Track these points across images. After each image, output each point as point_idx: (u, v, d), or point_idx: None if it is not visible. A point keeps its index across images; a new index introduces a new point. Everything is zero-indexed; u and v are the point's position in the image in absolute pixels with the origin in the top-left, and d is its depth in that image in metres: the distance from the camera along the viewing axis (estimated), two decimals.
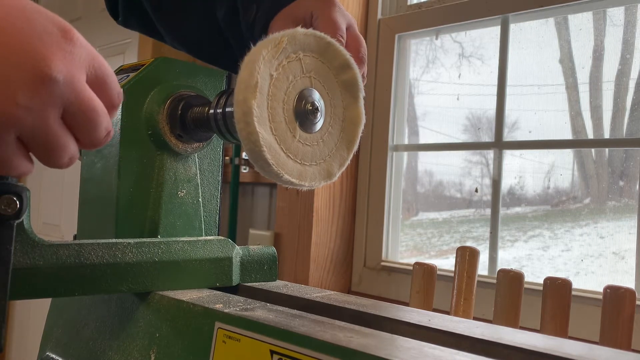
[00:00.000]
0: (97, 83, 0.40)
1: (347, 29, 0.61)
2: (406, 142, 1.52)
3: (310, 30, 0.50)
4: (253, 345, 0.43)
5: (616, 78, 1.18)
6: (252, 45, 0.47)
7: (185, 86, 0.62)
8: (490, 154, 1.33)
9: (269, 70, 0.47)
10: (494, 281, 0.91)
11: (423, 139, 1.53)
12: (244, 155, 1.65)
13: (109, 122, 0.42)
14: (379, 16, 1.53)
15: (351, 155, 0.54)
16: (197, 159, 0.64)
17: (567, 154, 1.26)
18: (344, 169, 0.54)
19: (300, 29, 0.49)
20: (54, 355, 0.66)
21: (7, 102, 0.34)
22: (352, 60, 0.53)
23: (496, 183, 1.30)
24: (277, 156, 0.48)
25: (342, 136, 0.53)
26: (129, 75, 0.61)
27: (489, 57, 1.37)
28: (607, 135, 1.20)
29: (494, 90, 1.32)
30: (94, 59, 0.40)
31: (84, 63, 0.39)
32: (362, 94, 0.54)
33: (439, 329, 0.46)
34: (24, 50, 0.35)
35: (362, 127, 0.54)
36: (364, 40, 0.61)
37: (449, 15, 1.39)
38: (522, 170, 1.31)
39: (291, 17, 0.62)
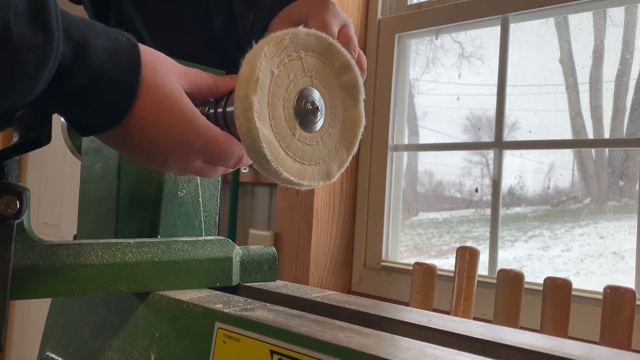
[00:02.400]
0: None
1: (341, 29, 0.61)
2: (406, 142, 1.52)
3: (312, 30, 0.50)
4: (253, 345, 0.43)
5: (616, 78, 1.18)
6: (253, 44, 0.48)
7: None
8: (490, 154, 1.33)
9: (270, 67, 0.47)
10: (494, 281, 0.91)
11: (423, 139, 1.53)
12: None
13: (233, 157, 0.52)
14: (379, 16, 1.53)
15: (350, 157, 0.54)
16: None
17: (567, 154, 1.26)
18: (343, 170, 0.54)
19: (302, 29, 0.49)
20: (54, 355, 0.66)
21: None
22: (353, 62, 0.53)
23: (496, 183, 1.30)
24: (277, 153, 0.48)
25: (342, 137, 0.53)
26: None
27: (489, 57, 1.37)
28: (607, 135, 1.20)
29: (494, 90, 1.32)
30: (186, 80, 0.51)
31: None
32: (362, 96, 0.54)
33: (439, 329, 0.46)
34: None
35: (361, 129, 0.54)
36: (356, 40, 0.62)
37: (449, 15, 1.39)
38: (522, 170, 1.31)
39: (289, 18, 0.63)
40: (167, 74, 0.48)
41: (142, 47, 0.47)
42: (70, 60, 0.41)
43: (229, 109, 0.53)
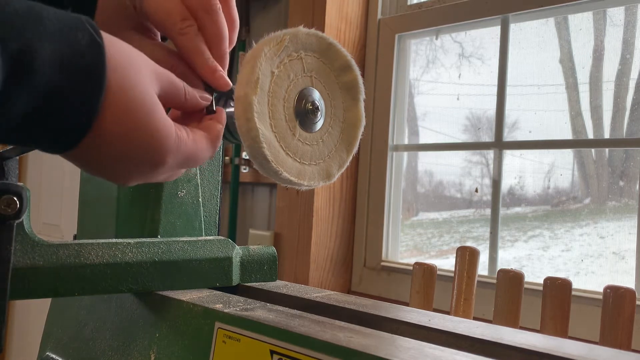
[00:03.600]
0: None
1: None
2: (406, 142, 1.52)
3: (312, 31, 0.50)
4: (253, 345, 0.43)
5: (616, 78, 1.18)
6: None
7: None
8: (490, 154, 1.33)
9: (270, 67, 0.47)
10: (494, 281, 0.91)
11: (423, 139, 1.53)
12: (244, 155, 1.65)
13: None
14: (379, 16, 1.53)
15: (350, 157, 0.54)
16: None
17: (567, 154, 1.26)
18: (343, 170, 0.54)
19: (302, 29, 0.49)
20: (54, 355, 0.66)
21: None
22: (353, 62, 0.53)
23: (496, 183, 1.30)
24: (277, 153, 0.48)
25: (342, 137, 0.53)
26: None
27: (489, 57, 1.37)
28: (607, 135, 1.20)
29: (494, 90, 1.32)
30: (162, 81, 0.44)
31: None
32: (362, 96, 0.54)
33: (439, 329, 0.46)
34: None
35: (361, 129, 0.54)
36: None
37: (449, 15, 1.39)
38: (522, 170, 1.31)
39: None
40: (138, 76, 0.40)
41: (108, 42, 0.38)
42: (9, 79, 0.33)
43: (228, 109, 0.53)
